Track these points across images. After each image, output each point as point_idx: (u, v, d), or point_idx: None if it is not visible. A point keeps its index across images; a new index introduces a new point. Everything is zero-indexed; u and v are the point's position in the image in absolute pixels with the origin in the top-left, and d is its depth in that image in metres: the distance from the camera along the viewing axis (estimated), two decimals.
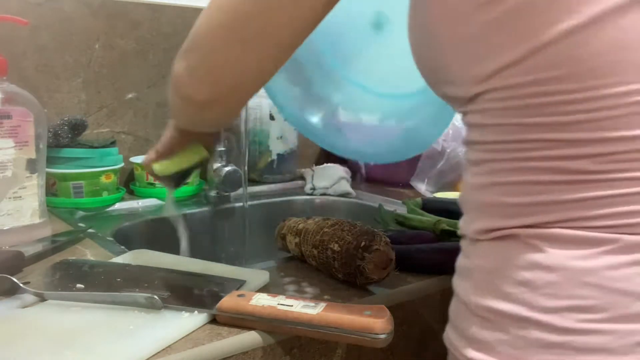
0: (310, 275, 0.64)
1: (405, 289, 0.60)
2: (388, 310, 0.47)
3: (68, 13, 1.00)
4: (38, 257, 0.65)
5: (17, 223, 0.71)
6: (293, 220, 0.71)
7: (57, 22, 0.99)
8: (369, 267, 0.57)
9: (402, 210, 0.92)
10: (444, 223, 0.77)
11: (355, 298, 0.57)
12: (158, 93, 1.11)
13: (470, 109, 0.41)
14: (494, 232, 0.40)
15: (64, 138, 0.89)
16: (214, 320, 0.50)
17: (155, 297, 0.50)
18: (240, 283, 0.56)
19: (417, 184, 1.09)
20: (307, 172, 1.18)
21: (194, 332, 0.48)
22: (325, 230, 0.63)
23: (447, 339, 0.44)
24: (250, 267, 0.67)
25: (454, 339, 0.43)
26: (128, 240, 0.83)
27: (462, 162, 0.93)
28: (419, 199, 0.93)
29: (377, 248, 0.58)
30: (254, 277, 0.59)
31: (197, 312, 0.50)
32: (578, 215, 0.37)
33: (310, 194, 1.13)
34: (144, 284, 0.55)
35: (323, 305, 0.48)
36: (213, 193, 1.02)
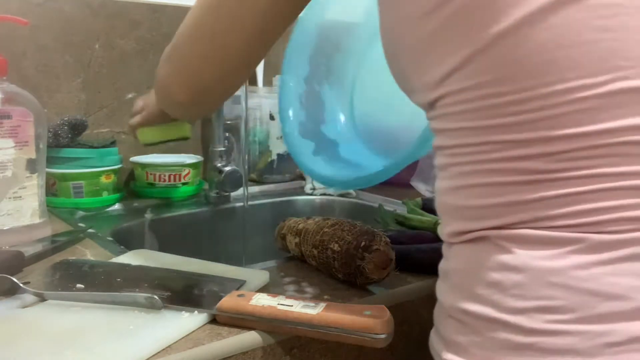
0: (310, 275, 0.64)
1: (405, 289, 0.60)
2: (388, 310, 0.47)
3: (68, 13, 1.00)
4: (38, 257, 0.65)
5: (17, 223, 0.71)
6: (293, 220, 0.71)
7: (57, 22, 0.99)
8: (369, 267, 0.57)
9: (402, 210, 0.92)
10: None
11: (355, 298, 0.57)
12: None
13: (432, 115, 0.43)
14: (466, 234, 0.41)
15: (64, 138, 0.89)
16: (214, 320, 0.50)
17: (155, 297, 0.50)
18: (240, 283, 0.56)
19: (417, 184, 1.09)
20: None
21: (194, 332, 0.48)
22: (325, 230, 0.63)
23: (430, 344, 0.44)
24: (250, 267, 0.67)
25: (435, 343, 0.43)
26: (128, 240, 0.83)
27: None
28: (419, 199, 0.93)
29: (377, 248, 0.58)
30: (254, 277, 0.59)
31: (197, 312, 0.50)
32: (540, 215, 0.37)
33: (310, 194, 1.13)
34: (144, 284, 0.55)
35: (323, 305, 0.48)
36: (213, 193, 1.02)
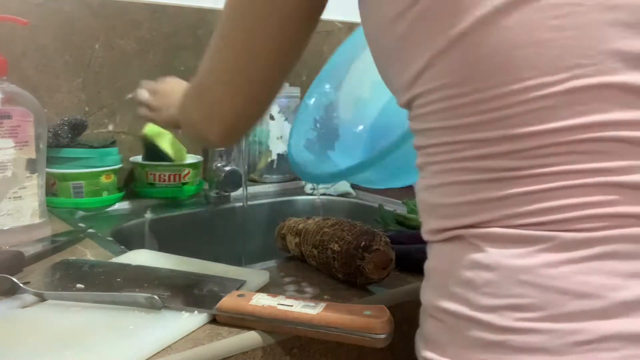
0: (310, 275, 0.64)
1: (405, 289, 0.60)
2: (388, 310, 0.47)
3: (68, 13, 1.00)
4: (38, 257, 0.65)
5: (17, 223, 0.71)
6: (293, 220, 0.71)
7: (57, 22, 0.99)
8: (369, 267, 0.57)
9: (402, 210, 0.92)
10: None
11: (355, 298, 0.57)
12: None
13: (410, 116, 0.44)
14: (442, 233, 0.41)
15: (64, 138, 0.89)
16: (214, 320, 0.50)
17: (155, 297, 0.50)
18: (240, 283, 0.56)
19: None
20: None
21: (194, 332, 0.48)
22: (325, 230, 0.63)
23: (415, 344, 0.45)
24: (250, 267, 0.67)
25: (418, 341, 0.44)
26: (128, 240, 0.83)
27: None
28: None
29: (377, 248, 0.58)
30: (254, 277, 0.59)
31: (197, 312, 0.50)
32: (509, 213, 0.37)
33: (310, 194, 1.13)
34: (144, 284, 0.55)
35: (323, 305, 0.48)
36: (213, 193, 1.02)
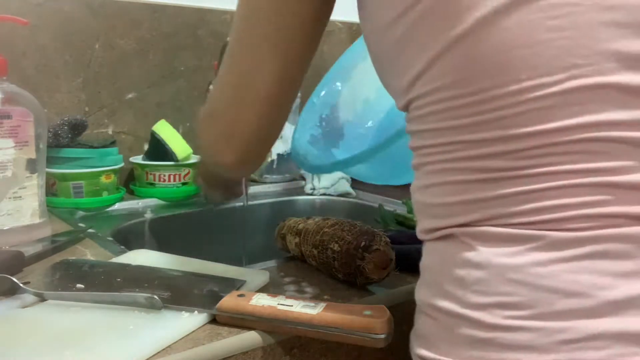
0: (310, 275, 0.64)
1: (405, 289, 0.60)
2: (388, 310, 0.47)
3: (68, 13, 1.00)
4: (38, 257, 0.65)
5: (17, 223, 0.71)
6: (293, 220, 0.71)
7: (57, 22, 0.99)
8: (369, 267, 0.57)
9: (402, 210, 0.92)
10: None
11: (355, 298, 0.57)
12: (158, 93, 1.11)
13: (407, 118, 0.44)
14: (435, 232, 0.42)
15: (64, 138, 0.89)
16: (214, 320, 0.50)
17: (155, 297, 0.50)
18: (240, 283, 0.56)
19: None
20: (307, 172, 1.18)
21: (194, 332, 0.48)
22: (325, 230, 0.63)
23: (410, 342, 0.45)
24: (250, 267, 0.67)
25: (412, 339, 0.44)
26: (128, 240, 0.83)
27: None
28: None
29: (377, 248, 0.58)
30: (254, 277, 0.59)
31: (197, 312, 0.50)
32: (501, 212, 0.37)
33: (310, 194, 1.13)
34: (144, 284, 0.55)
35: (323, 305, 0.48)
36: None
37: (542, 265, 0.36)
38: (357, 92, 0.87)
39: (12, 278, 0.54)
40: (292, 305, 0.48)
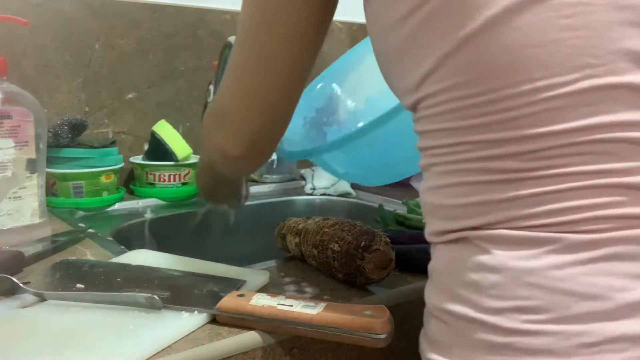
0: (310, 275, 0.64)
1: (405, 289, 0.60)
2: (388, 310, 0.47)
3: (68, 13, 1.00)
4: (38, 257, 0.65)
5: (17, 223, 0.71)
6: (293, 220, 0.71)
7: (57, 22, 0.99)
8: (369, 267, 0.57)
9: (402, 210, 0.92)
10: None
11: (355, 298, 0.57)
12: (158, 93, 1.11)
13: (415, 118, 0.43)
14: (446, 234, 0.41)
15: (64, 138, 0.89)
16: (214, 320, 0.50)
17: (155, 297, 0.50)
18: (240, 283, 0.56)
19: (417, 184, 1.09)
20: (307, 172, 1.18)
21: (194, 332, 0.48)
22: (325, 230, 0.62)
23: (420, 345, 0.45)
24: (250, 267, 0.67)
25: (422, 343, 0.44)
26: (128, 240, 0.83)
27: None
28: (419, 199, 0.93)
29: (377, 248, 0.58)
30: (254, 277, 0.59)
31: (197, 312, 0.50)
32: (515, 215, 0.37)
33: (310, 194, 1.13)
34: (144, 284, 0.55)
35: (323, 305, 0.48)
36: None
37: (558, 268, 0.35)
38: (355, 90, 0.86)
39: (12, 278, 0.54)
40: (292, 305, 0.48)
